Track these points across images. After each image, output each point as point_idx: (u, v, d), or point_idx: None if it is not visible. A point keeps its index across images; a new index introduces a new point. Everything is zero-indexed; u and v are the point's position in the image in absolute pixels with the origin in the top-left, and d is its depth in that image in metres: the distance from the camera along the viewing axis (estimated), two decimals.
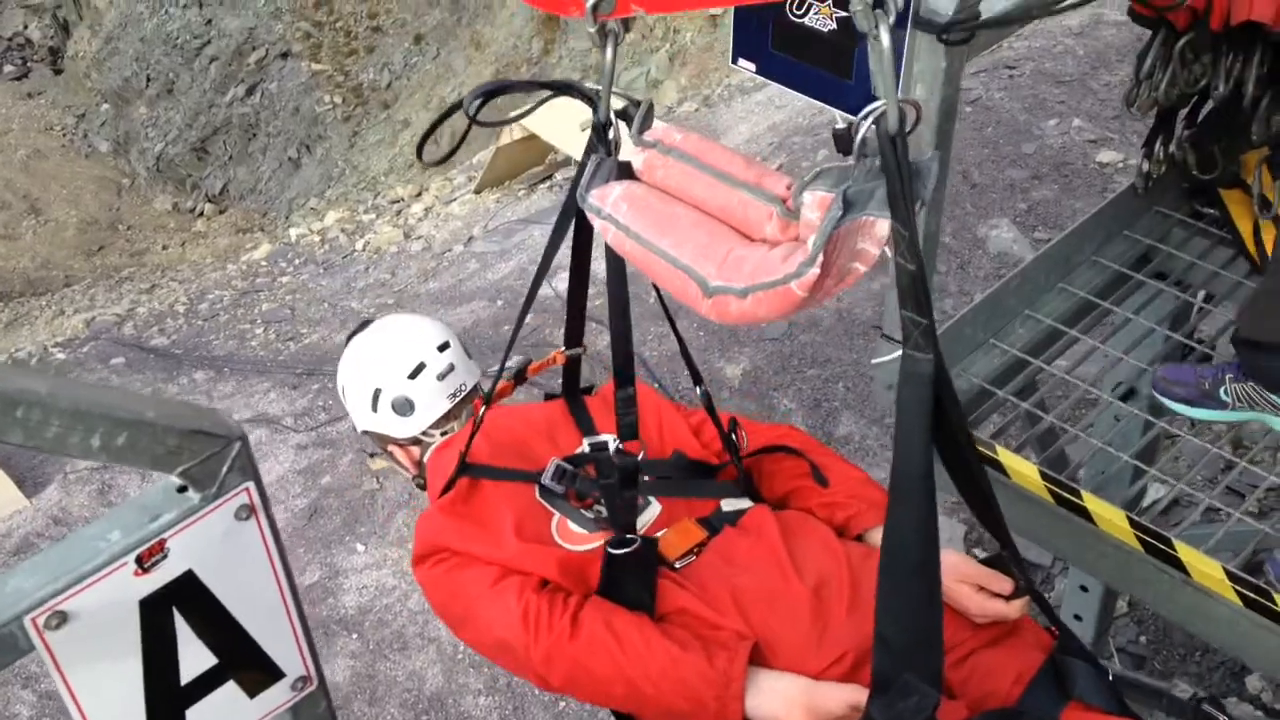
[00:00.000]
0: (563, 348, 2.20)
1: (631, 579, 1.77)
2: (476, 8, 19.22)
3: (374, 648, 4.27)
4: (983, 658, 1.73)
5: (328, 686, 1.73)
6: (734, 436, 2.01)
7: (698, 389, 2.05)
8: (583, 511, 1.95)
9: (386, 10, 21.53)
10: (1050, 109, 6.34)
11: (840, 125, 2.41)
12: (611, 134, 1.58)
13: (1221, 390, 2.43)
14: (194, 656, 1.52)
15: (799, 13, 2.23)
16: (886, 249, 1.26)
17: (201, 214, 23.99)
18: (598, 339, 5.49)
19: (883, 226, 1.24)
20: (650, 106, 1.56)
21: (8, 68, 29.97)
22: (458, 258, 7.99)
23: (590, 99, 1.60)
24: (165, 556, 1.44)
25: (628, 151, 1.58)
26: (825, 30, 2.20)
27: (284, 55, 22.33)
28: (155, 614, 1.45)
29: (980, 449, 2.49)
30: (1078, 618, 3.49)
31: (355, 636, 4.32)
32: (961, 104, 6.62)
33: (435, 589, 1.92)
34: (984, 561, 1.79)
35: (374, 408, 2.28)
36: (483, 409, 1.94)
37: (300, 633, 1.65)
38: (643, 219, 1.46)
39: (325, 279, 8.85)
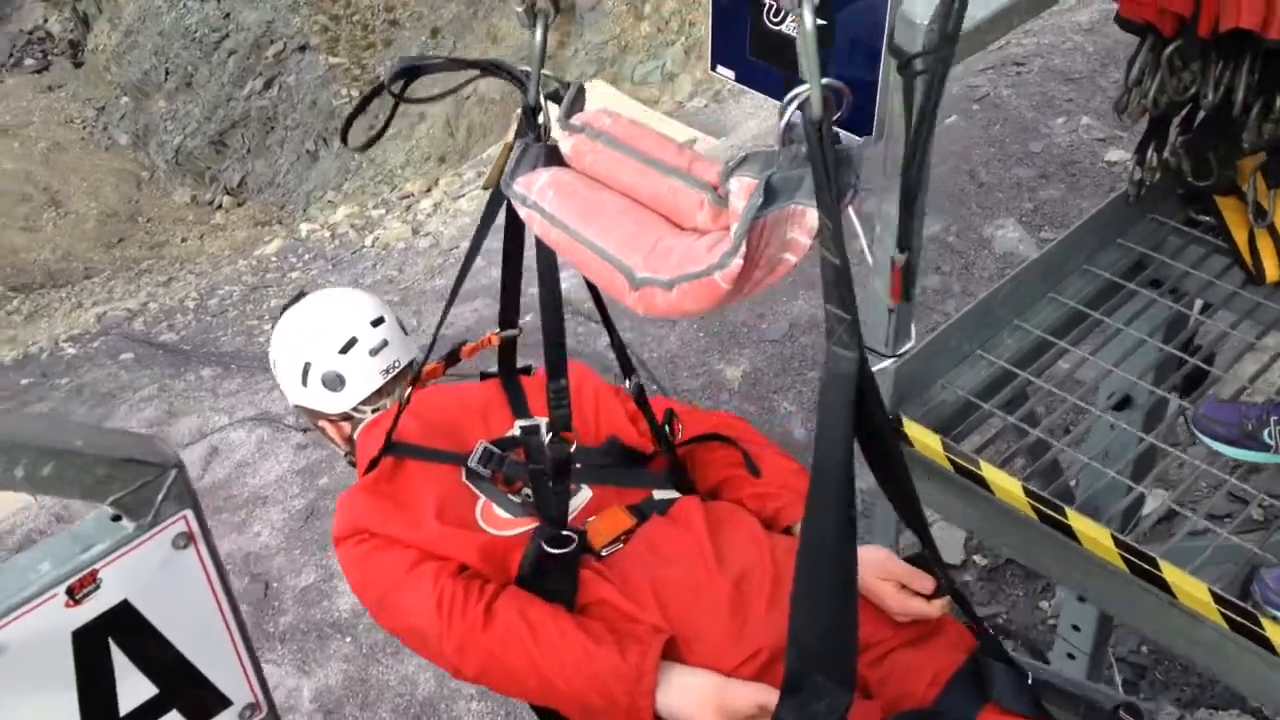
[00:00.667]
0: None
1: (554, 570, 1.74)
2: (493, 2, 19.18)
3: (367, 651, 4.26)
4: (901, 657, 1.70)
5: (278, 711, 1.70)
6: (668, 427, 1.98)
7: (627, 381, 1.98)
8: (509, 496, 1.91)
9: (403, 4, 21.50)
10: (1058, 107, 6.24)
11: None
12: (542, 118, 1.54)
13: (1265, 432, 2.38)
14: (134, 687, 1.49)
15: (775, 20, 2.19)
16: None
17: (220, 206, 24.11)
18: (597, 340, 5.45)
19: (813, 216, 1.17)
20: (580, 89, 1.51)
21: (28, 61, 30.17)
22: (462, 256, 7.98)
23: (519, 81, 1.56)
24: (98, 587, 1.41)
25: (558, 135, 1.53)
26: None
27: (302, 49, 22.35)
28: (90, 645, 1.42)
29: (962, 463, 2.44)
30: (1076, 628, 3.43)
31: (349, 640, 4.31)
32: (969, 101, 6.55)
33: (353, 570, 1.89)
34: (908, 560, 1.76)
35: (304, 382, 2.24)
36: (409, 389, 1.92)
37: (246, 659, 1.62)
38: (569, 207, 1.39)
39: (334, 275, 8.84)
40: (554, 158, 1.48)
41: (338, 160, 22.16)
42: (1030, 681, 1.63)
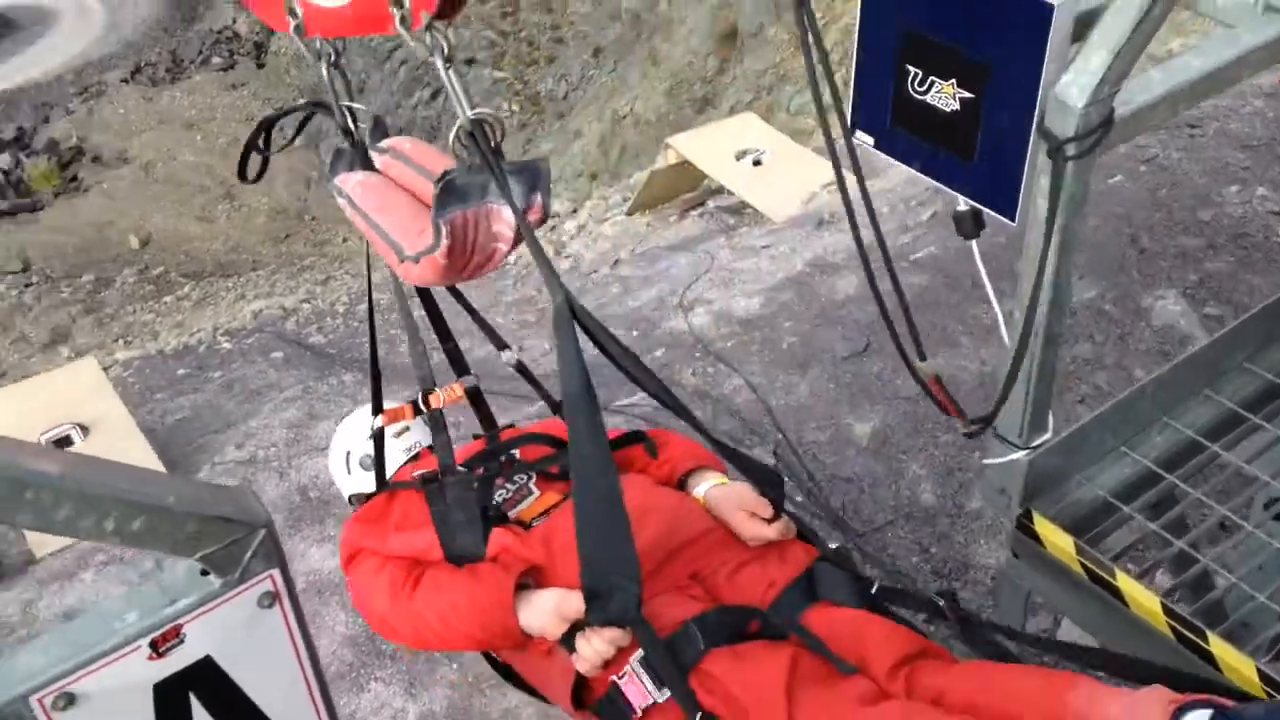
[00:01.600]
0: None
1: (461, 532, 2.11)
2: (656, 24, 19.37)
3: (472, 680, 4.26)
4: (747, 570, 2.02)
5: None
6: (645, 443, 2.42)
7: (503, 354, 2.65)
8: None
9: (569, 23, 21.95)
10: (1232, 174, 5.86)
11: (962, 208, 2.25)
12: (357, 136, 2.01)
13: None
14: None
15: (921, 89, 2.09)
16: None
17: None
18: (725, 382, 5.37)
19: (505, 212, 1.60)
20: (378, 120, 2.06)
21: (215, 59, 31.97)
22: (602, 280, 7.99)
23: (340, 114, 1.97)
24: (182, 641, 1.41)
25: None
26: (947, 109, 2.06)
27: (468, 62, 23.03)
28: (170, 698, 1.43)
29: (1096, 569, 2.27)
30: None
31: (456, 667, 4.32)
32: (1136, 161, 6.22)
33: (354, 589, 2.30)
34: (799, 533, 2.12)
35: (348, 469, 2.73)
36: (376, 424, 2.39)
37: (326, 719, 1.61)
38: (369, 199, 1.86)
39: (475, 290, 8.98)
40: (369, 164, 1.97)
41: None
42: (874, 589, 1.96)
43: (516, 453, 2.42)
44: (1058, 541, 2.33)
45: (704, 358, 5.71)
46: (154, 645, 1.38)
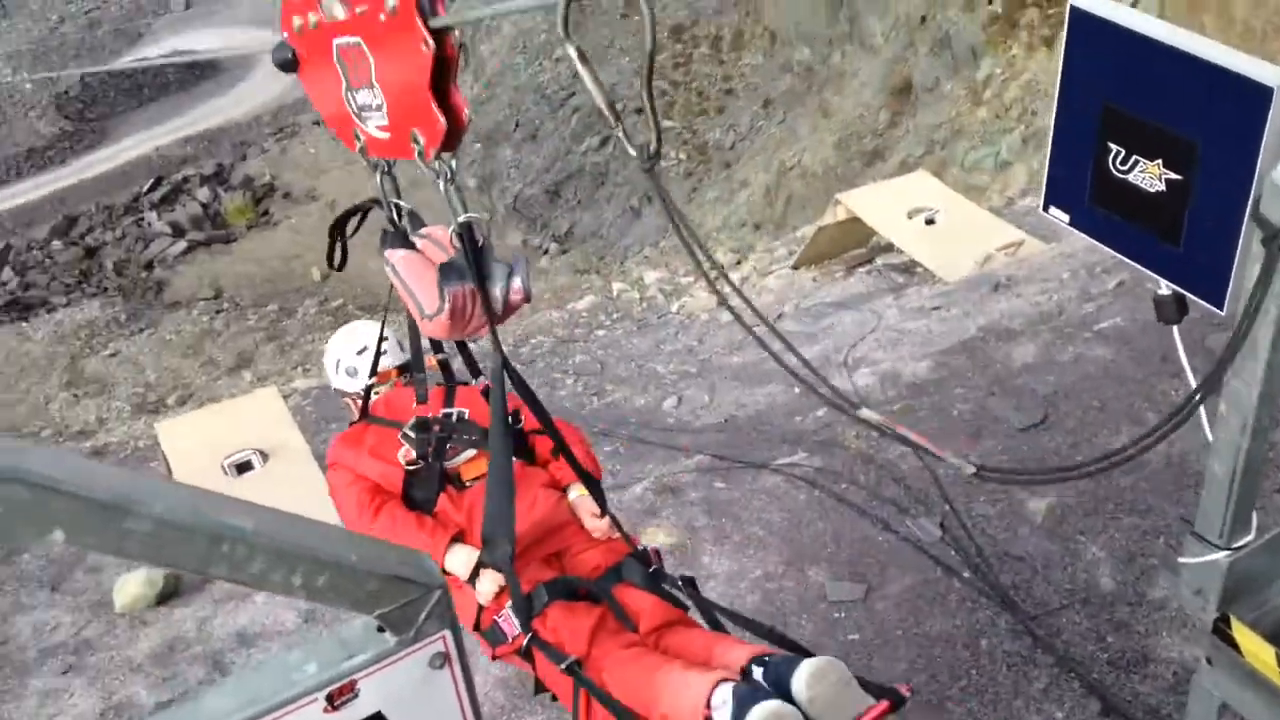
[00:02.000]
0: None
1: (420, 490, 3.03)
2: (828, 76, 19.32)
3: None
4: (585, 555, 2.94)
5: None
6: (519, 419, 3.13)
7: (477, 379, 3.30)
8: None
9: (740, 74, 22.11)
10: None
11: (1164, 292, 2.12)
12: (402, 223, 2.55)
13: None
14: None
15: (1123, 168, 1.99)
16: None
17: (546, 252, 25.64)
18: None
19: (496, 291, 2.27)
20: (414, 213, 2.55)
21: None
22: (765, 334, 7.96)
23: (384, 208, 2.56)
24: (356, 696, 1.44)
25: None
26: (1152, 190, 1.96)
27: (638, 111, 23.39)
28: None
29: None
30: None
31: None
32: None
33: (330, 489, 3.15)
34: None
35: (335, 371, 3.52)
36: (373, 386, 3.31)
37: None
38: (408, 270, 2.39)
39: (637, 338, 9.09)
40: (410, 244, 2.50)
41: (658, 219, 22.97)
42: (655, 573, 2.85)
43: (466, 411, 3.20)
44: (1258, 651, 2.15)
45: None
46: (330, 698, 1.41)
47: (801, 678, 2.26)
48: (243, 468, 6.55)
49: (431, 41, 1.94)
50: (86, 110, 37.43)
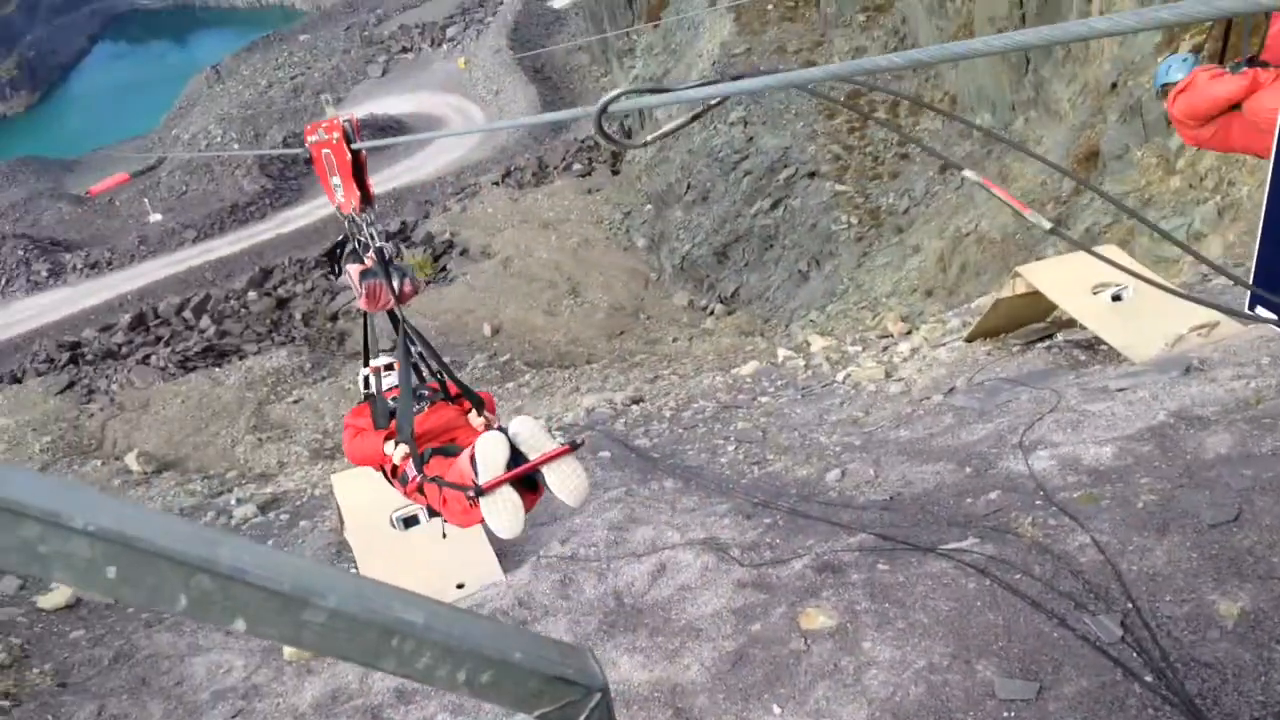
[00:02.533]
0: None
1: (380, 419, 4.62)
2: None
3: None
4: (468, 438, 4.45)
5: None
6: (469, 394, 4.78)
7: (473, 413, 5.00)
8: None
9: (916, 138, 21.83)
10: None
11: None
12: (361, 252, 4.61)
13: None
14: None
15: None
16: None
17: (712, 313, 25.75)
18: None
19: (394, 283, 4.57)
20: (361, 244, 4.63)
21: (576, 166, 34.55)
22: (934, 408, 7.70)
23: (350, 241, 4.67)
24: None
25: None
26: None
27: (811, 174, 23.42)
28: None
29: None
30: None
31: None
32: None
33: (343, 437, 4.76)
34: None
35: (362, 377, 4.92)
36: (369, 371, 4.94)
37: None
38: (353, 274, 4.48)
39: (801, 406, 8.95)
40: (359, 260, 4.67)
41: (825, 282, 22.78)
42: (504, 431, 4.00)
43: (425, 391, 4.79)
44: None
45: (1045, 507, 5.31)
46: None
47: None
48: (409, 521, 6.72)
49: (349, 154, 4.43)
50: (286, 170, 39.98)
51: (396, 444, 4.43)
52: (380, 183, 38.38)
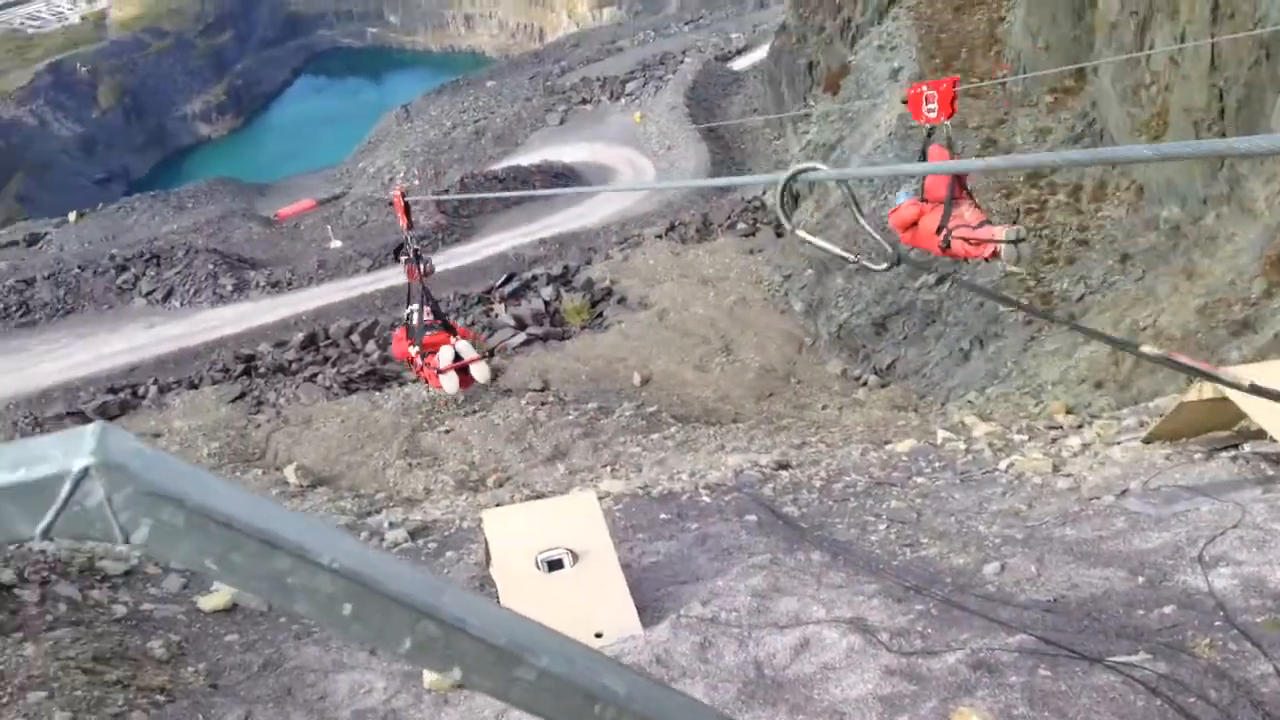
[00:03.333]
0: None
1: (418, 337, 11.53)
2: (1197, 237, 18.00)
3: None
4: (445, 346, 11.75)
5: None
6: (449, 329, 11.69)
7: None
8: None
9: (1099, 226, 21.10)
10: None
11: None
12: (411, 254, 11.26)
13: None
14: None
15: None
16: None
17: (865, 384, 25.30)
18: None
19: (423, 265, 11.34)
20: (416, 252, 11.00)
21: (740, 225, 34.68)
22: (1105, 509, 7.31)
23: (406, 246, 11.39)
24: None
25: None
26: None
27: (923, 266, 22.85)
28: None
29: None
30: None
31: None
32: None
33: (392, 341, 12.99)
34: None
35: (407, 310, 11.93)
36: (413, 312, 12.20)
37: None
38: (403, 266, 11.55)
39: (959, 492, 8.65)
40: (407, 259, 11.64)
41: (988, 364, 22.12)
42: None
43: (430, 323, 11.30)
44: None
45: (1225, 629, 4.96)
46: None
47: (459, 344, 11.22)
48: (554, 565, 6.76)
49: (403, 203, 10.37)
50: (461, 208, 41.46)
51: (413, 346, 11.10)
52: (547, 228, 39.50)
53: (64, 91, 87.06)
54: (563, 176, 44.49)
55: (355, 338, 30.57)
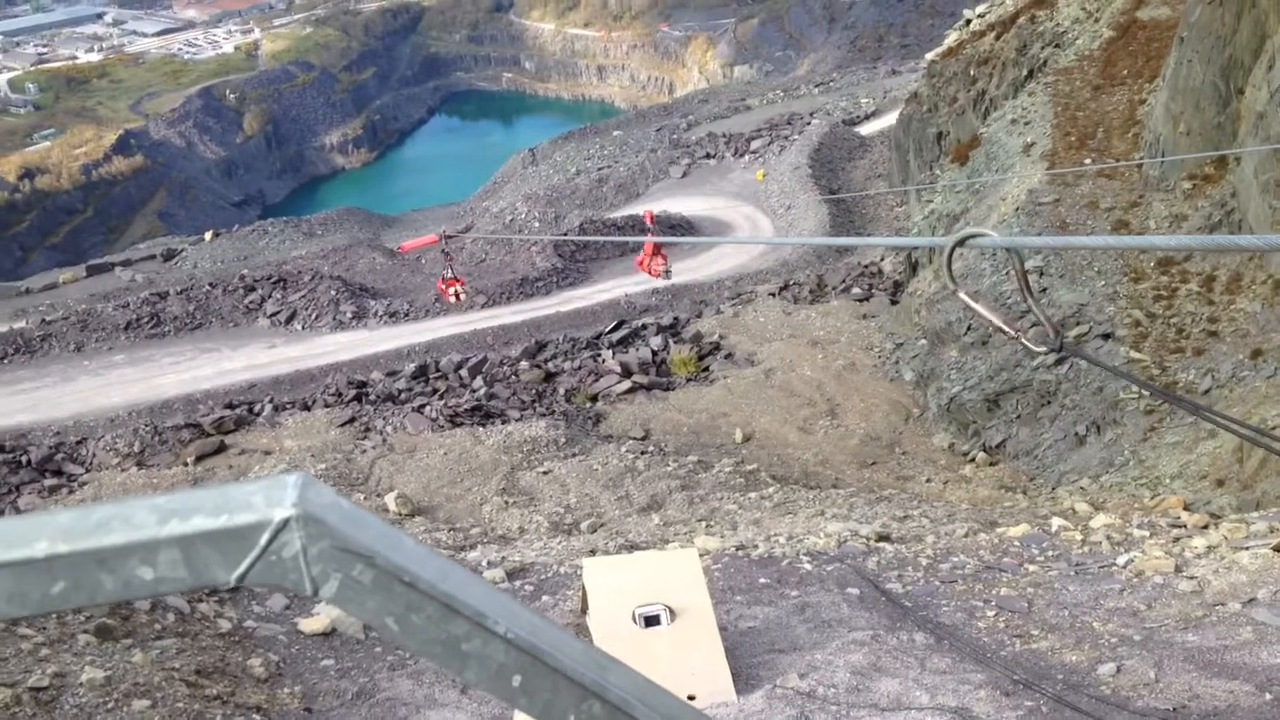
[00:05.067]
0: None
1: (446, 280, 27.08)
2: None
3: None
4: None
5: None
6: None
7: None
8: None
9: (1230, 318, 20.32)
10: None
11: None
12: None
13: None
14: None
15: None
16: None
17: (973, 460, 24.64)
18: None
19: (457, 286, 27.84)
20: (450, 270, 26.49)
21: (855, 289, 34.39)
22: (1230, 617, 6.93)
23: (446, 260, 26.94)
24: None
25: None
26: None
27: (1105, 336, 22.20)
28: None
29: None
30: None
31: None
32: None
33: (439, 281, 27.48)
34: None
35: (443, 264, 26.94)
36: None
37: None
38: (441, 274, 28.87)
39: (1073, 584, 8.30)
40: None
41: (1104, 451, 21.35)
42: None
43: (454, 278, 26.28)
44: None
45: None
46: None
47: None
48: (651, 620, 6.69)
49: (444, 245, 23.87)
50: (577, 252, 42.04)
51: (442, 280, 23.93)
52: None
53: (212, 116, 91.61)
54: (680, 227, 44.76)
55: (464, 372, 31.09)
